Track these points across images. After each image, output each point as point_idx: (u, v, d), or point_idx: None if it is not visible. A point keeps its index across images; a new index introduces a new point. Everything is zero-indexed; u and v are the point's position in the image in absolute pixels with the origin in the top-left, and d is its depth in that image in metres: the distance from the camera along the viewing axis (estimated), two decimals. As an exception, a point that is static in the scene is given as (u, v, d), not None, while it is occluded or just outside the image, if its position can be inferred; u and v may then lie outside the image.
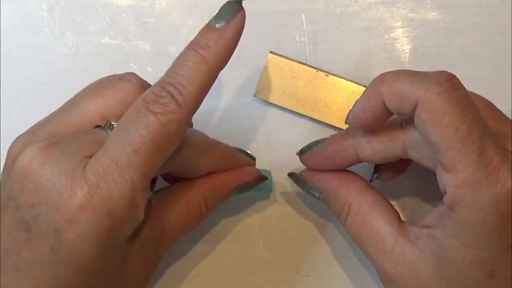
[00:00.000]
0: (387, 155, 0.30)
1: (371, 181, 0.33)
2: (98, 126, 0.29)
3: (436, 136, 0.26)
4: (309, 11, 0.38)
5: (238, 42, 0.28)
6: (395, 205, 0.36)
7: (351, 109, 0.30)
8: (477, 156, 0.25)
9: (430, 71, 0.27)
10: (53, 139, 0.27)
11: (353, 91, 0.36)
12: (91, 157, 0.26)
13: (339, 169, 0.32)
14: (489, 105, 0.32)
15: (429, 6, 0.38)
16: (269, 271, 0.36)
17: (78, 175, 0.25)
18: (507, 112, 0.32)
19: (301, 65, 0.36)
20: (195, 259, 0.36)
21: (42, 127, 0.29)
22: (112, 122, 0.28)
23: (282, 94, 0.36)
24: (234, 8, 0.27)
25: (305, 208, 0.36)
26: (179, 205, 0.31)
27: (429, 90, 0.26)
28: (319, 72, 0.36)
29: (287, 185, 0.36)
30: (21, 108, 0.38)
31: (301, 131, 0.37)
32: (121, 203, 0.25)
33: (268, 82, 0.36)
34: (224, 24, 0.27)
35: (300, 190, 0.34)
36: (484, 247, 0.26)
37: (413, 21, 0.38)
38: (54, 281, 0.25)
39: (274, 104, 0.37)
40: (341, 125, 0.36)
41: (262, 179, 0.34)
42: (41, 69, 0.38)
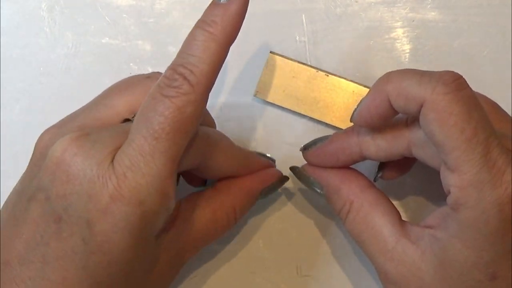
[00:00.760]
0: (391, 153, 0.30)
1: (375, 180, 0.32)
2: (126, 120, 0.29)
3: (442, 136, 0.26)
4: (309, 11, 0.38)
5: (245, 15, 0.27)
6: (398, 204, 0.36)
7: (357, 107, 0.30)
8: (482, 157, 0.25)
9: (437, 71, 0.27)
10: (84, 131, 0.27)
11: (353, 91, 0.36)
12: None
13: (342, 166, 0.32)
14: (494, 106, 0.32)
15: (429, 6, 0.38)
16: (269, 271, 0.36)
17: (107, 166, 0.25)
18: (507, 112, 0.32)
19: (301, 65, 0.36)
20: (195, 259, 0.36)
21: (70, 121, 0.29)
22: None
23: (282, 94, 0.36)
24: None
25: (306, 207, 0.36)
26: (207, 213, 0.31)
27: (436, 90, 0.26)
28: (319, 72, 0.36)
29: (287, 184, 0.36)
30: (21, 108, 0.38)
31: (301, 131, 0.37)
32: (150, 192, 0.25)
33: (268, 82, 0.36)
34: None
35: (300, 190, 0.34)
36: (486, 249, 0.26)
37: (413, 21, 0.38)
38: (83, 273, 0.25)
39: (274, 104, 0.37)
40: (341, 125, 0.36)
41: (284, 179, 0.34)
42: (41, 69, 0.38)
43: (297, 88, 0.36)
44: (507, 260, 0.27)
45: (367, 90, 0.36)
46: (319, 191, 0.32)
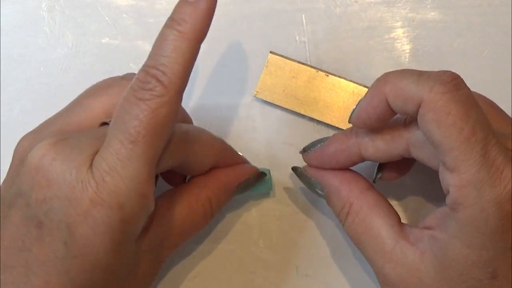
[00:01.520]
0: (390, 153, 0.30)
1: (374, 181, 0.32)
2: (104, 124, 0.29)
3: (440, 136, 0.26)
4: (309, 11, 0.38)
5: (214, 11, 0.27)
6: (397, 204, 0.36)
7: (354, 108, 0.30)
8: (481, 157, 0.25)
9: (435, 71, 0.27)
10: (62, 136, 0.27)
11: (353, 91, 0.36)
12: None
13: (342, 168, 0.32)
14: (492, 105, 0.32)
15: (429, 6, 0.38)
16: (269, 271, 0.36)
17: (86, 170, 0.25)
18: (507, 112, 0.32)
19: (301, 65, 0.36)
20: (195, 259, 0.36)
21: (49, 125, 0.29)
22: None
23: (282, 94, 0.36)
24: None
25: (306, 208, 0.36)
26: (183, 207, 0.31)
27: (434, 90, 0.26)
28: (319, 72, 0.36)
29: (287, 184, 0.36)
30: (21, 108, 0.38)
31: (301, 131, 0.37)
32: (129, 195, 0.25)
33: (268, 82, 0.36)
34: None
35: (300, 189, 0.34)
36: (486, 247, 0.26)
37: (413, 21, 0.38)
38: (66, 277, 0.25)
39: (274, 104, 0.37)
40: (341, 125, 0.36)
41: (261, 175, 0.34)
42: (41, 69, 0.38)
43: (297, 88, 0.36)
44: (507, 259, 0.27)
45: (367, 90, 0.36)
46: (319, 192, 0.32)
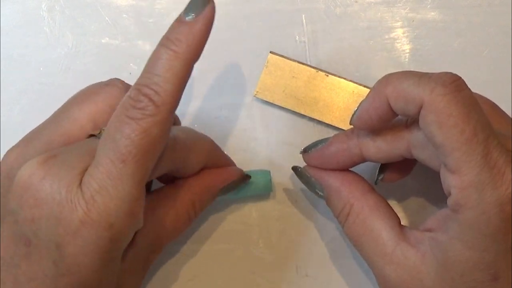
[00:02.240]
0: (392, 154, 0.30)
1: (376, 182, 0.32)
2: (92, 135, 0.29)
3: (441, 138, 0.26)
4: (309, 11, 0.38)
5: (210, 33, 0.27)
6: (399, 206, 0.36)
7: (356, 110, 0.29)
8: (482, 158, 0.25)
9: (436, 72, 0.27)
10: (51, 153, 0.27)
11: (353, 91, 0.36)
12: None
13: (342, 169, 0.32)
14: (493, 106, 0.32)
15: (429, 6, 0.38)
16: (269, 271, 0.36)
17: (76, 189, 0.25)
18: (507, 112, 0.32)
19: (301, 65, 0.36)
20: (195, 259, 0.36)
21: (35, 138, 0.29)
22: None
23: (282, 94, 0.36)
24: (204, 0, 0.27)
25: (305, 208, 0.36)
26: (168, 212, 0.31)
27: (435, 91, 0.26)
28: (319, 72, 0.36)
29: (287, 185, 0.36)
30: (21, 108, 0.38)
31: (301, 131, 0.37)
32: (119, 215, 0.25)
33: (268, 82, 0.36)
34: (194, 16, 0.27)
35: (300, 190, 0.34)
36: (488, 249, 0.26)
37: (413, 21, 0.38)
38: None
39: (274, 104, 0.37)
40: (341, 125, 0.36)
41: (246, 178, 0.34)
42: (41, 69, 0.38)
43: (297, 88, 0.36)
44: (509, 260, 0.27)
45: (367, 90, 0.36)
46: (319, 192, 0.32)
